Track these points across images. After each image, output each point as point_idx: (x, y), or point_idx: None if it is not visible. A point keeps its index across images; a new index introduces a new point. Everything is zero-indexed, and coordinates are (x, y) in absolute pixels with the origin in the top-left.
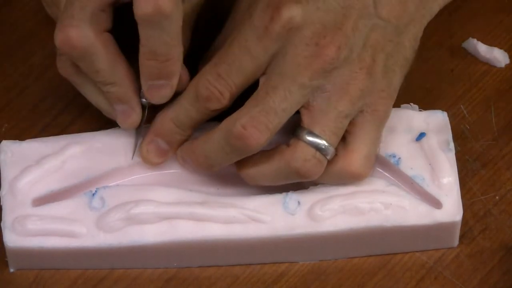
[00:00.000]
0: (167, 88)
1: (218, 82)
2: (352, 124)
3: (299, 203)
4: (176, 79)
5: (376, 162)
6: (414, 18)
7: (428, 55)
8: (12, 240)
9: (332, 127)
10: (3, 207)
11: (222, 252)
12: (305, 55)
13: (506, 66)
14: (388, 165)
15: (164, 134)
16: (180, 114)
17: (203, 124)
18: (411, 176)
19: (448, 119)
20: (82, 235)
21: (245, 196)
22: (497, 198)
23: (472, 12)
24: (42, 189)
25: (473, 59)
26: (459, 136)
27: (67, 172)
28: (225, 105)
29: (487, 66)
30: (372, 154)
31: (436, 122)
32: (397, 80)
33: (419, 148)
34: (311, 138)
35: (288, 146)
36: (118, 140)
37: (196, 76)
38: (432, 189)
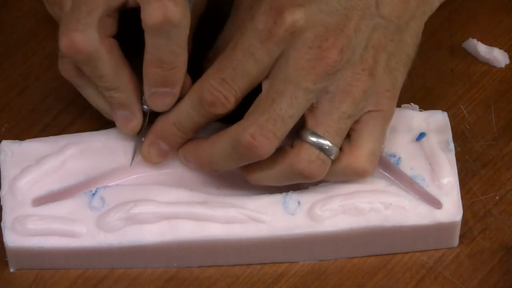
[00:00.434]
0: (170, 96)
1: (222, 87)
2: (357, 122)
3: (299, 203)
4: (180, 87)
5: None
6: (415, 15)
7: (428, 55)
8: (12, 240)
9: (335, 128)
10: (3, 207)
11: (222, 252)
12: (308, 58)
13: (506, 66)
14: (388, 165)
15: (166, 137)
16: (182, 118)
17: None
18: (411, 176)
19: (448, 119)
20: (82, 235)
21: (245, 196)
22: (497, 198)
23: (472, 12)
24: (42, 189)
25: (473, 59)
26: (459, 136)
27: (67, 172)
28: (230, 109)
29: (487, 66)
30: (377, 152)
31: (436, 122)
32: (401, 79)
33: (419, 148)
34: (315, 139)
35: (292, 147)
36: (118, 140)
37: (198, 81)
38: (432, 189)
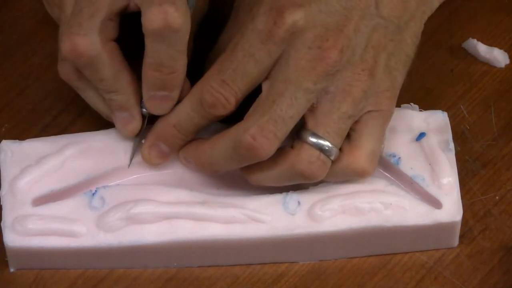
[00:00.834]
0: (168, 100)
1: (223, 89)
2: (356, 122)
3: (299, 203)
4: (178, 91)
5: None
6: (415, 15)
7: (428, 55)
8: (12, 240)
9: (335, 128)
10: (3, 207)
11: (222, 252)
12: (308, 59)
13: (506, 66)
14: (388, 165)
15: (166, 139)
16: (183, 120)
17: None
18: (411, 176)
19: (448, 119)
20: (82, 235)
21: (245, 196)
22: (497, 198)
23: (472, 12)
24: (42, 188)
25: (473, 59)
26: (459, 136)
27: (67, 172)
28: (230, 110)
29: (487, 66)
30: (377, 151)
31: (436, 122)
32: (400, 79)
33: (419, 148)
34: (315, 140)
35: (292, 148)
36: (118, 140)
37: (198, 82)
38: (432, 189)
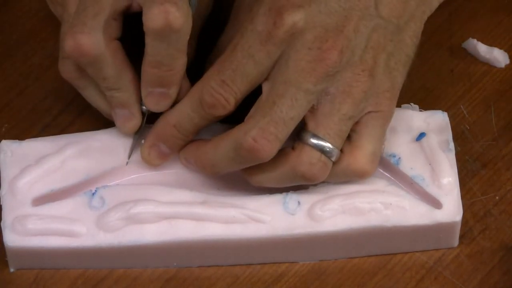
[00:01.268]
0: (166, 97)
1: (223, 89)
2: (357, 123)
3: (299, 203)
4: (176, 89)
5: None
6: (414, 15)
7: (428, 55)
8: (12, 240)
9: (336, 130)
10: (3, 207)
11: (222, 252)
12: (308, 60)
13: (506, 66)
14: (388, 165)
15: (166, 139)
16: (183, 120)
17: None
18: (411, 176)
19: (448, 119)
20: (82, 235)
21: (245, 196)
22: (497, 198)
23: (472, 12)
24: (42, 188)
25: (473, 59)
26: (459, 136)
27: (66, 172)
28: (230, 111)
29: (487, 66)
30: (377, 152)
31: (436, 122)
32: (400, 79)
33: (419, 148)
34: (315, 141)
35: (293, 150)
36: (118, 139)
37: (198, 83)
38: (432, 189)
